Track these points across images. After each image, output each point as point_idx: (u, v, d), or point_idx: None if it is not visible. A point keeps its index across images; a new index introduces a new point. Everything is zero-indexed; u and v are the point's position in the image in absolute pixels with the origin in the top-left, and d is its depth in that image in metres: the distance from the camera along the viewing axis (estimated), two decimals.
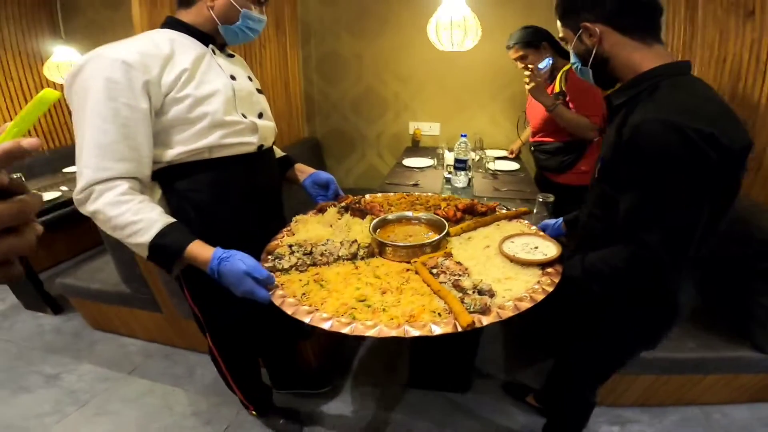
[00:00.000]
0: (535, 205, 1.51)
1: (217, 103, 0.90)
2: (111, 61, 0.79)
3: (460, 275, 0.78)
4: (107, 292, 1.87)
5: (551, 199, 1.49)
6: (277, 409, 1.51)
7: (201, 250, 0.84)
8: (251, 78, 1.08)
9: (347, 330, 0.71)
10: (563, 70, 1.72)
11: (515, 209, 1.16)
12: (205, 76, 0.91)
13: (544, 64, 1.67)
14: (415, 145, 2.84)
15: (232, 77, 0.97)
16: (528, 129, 2.13)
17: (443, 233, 0.96)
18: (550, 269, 0.85)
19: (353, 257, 0.93)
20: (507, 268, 0.85)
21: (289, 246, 0.94)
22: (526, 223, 1.10)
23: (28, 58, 2.76)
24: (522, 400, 1.56)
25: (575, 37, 0.83)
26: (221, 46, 1.01)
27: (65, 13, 2.87)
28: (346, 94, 2.85)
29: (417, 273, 0.85)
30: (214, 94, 0.90)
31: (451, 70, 2.61)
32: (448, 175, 1.94)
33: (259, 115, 1.05)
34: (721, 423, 1.48)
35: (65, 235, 2.57)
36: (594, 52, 0.81)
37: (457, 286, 0.75)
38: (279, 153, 1.24)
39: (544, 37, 1.74)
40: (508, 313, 0.72)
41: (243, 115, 0.97)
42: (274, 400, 1.51)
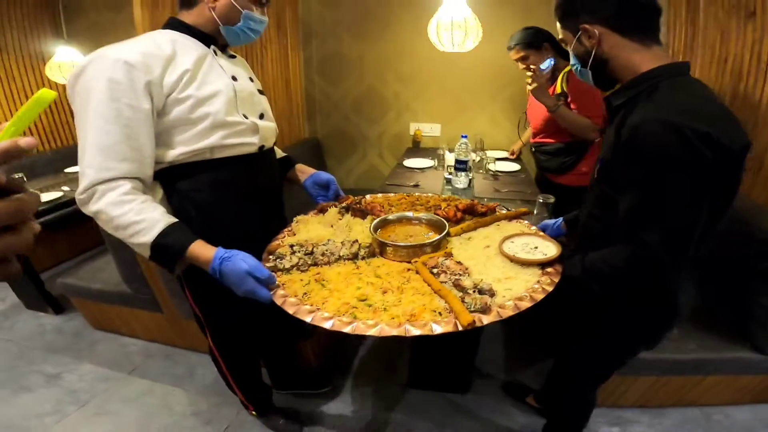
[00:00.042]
0: (536, 206, 1.51)
1: (219, 103, 0.91)
2: (113, 61, 0.79)
3: (460, 275, 0.78)
4: (108, 292, 1.87)
5: (552, 200, 1.49)
6: (277, 409, 1.51)
7: (203, 249, 0.84)
8: (252, 79, 1.08)
9: (348, 329, 0.71)
10: (564, 71, 1.72)
11: (515, 210, 1.16)
12: (207, 76, 0.91)
13: (546, 64, 1.67)
14: (416, 146, 2.84)
15: (234, 78, 0.97)
16: (529, 130, 2.13)
17: (444, 233, 0.97)
18: (550, 269, 0.85)
19: (354, 257, 0.93)
20: (507, 267, 0.86)
21: (291, 246, 0.94)
22: (526, 223, 1.10)
23: (31, 59, 2.77)
24: (522, 400, 1.56)
25: (574, 38, 0.83)
26: (223, 47, 1.01)
27: (68, 14, 2.88)
28: (347, 94, 2.86)
29: (418, 273, 0.85)
30: (216, 95, 0.91)
31: (451, 71, 2.62)
32: (448, 175, 1.94)
33: (261, 115, 1.05)
34: (722, 424, 1.47)
35: (66, 234, 2.58)
36: (593, 53, 0.81)
37: (457, 286, 0.75)
38: (280, 153, 1.24)
39: (545, 38, 1.74)
40: (509, 312, 0.72)
41: (244, 116, 0.97)
42: (274, 400, 1.51)
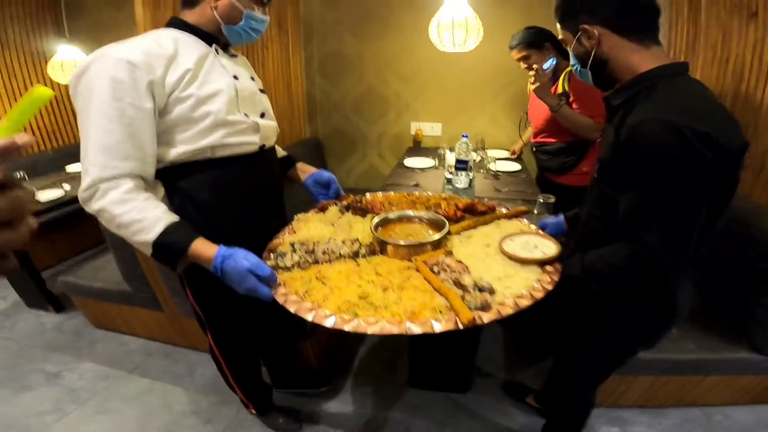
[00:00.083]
0: (536, 206, 1.50)
1: (220, 102, 0.91)
2: (116, 61, 0.79)
3: (460, 273, 0.78)
4: (109, 291, 1.87)
5: (552, 200, 1.49)
6: (277, 408, 1.51)
7: (204, 248, 0.84)
8: (254, 78, 1.08)
9: (349, 327, 0.71)
10: (566, 70, 1.72)
11: (515, 208, 1.16)
12: (209, 75, 0.91)
13: (548, 64, 1.67)
14: (417, 146, 2.83)
15: (235, 77, 0.97)
16: (529, 129, 2.13)
17: (444, 232, 0.97)
18: (549, 268, 0.86)
19: (355, 255, 0.93)
20: (507, 266, 0.86)
21: (291, 244, 0.94)
22: (526, 222, 1.10)
23: (32, 57, 2.78)
24: (522, 400, 1.56)
25: (574, 39, 0.83)
26: (224, 46, 1.01)
27: (69, 12, 2.89)
28: (348, 94, 2.86)
29: (418, 271, 0.85)
30: (217, 94, 0.91)
31: (452, 71, 2.62)
32: (449, 175, 1.94)
33: (261, 114, 1.05)
34: (722, 424, 1.47)
35: (67, 233, 2.59)
36: (593, 53, 0.82)
37: (457, 284, 0.76)
38: (281, 152, 1.25)
39: (547, 38, 1.74)
40: (508, 310, 0.72)
41: (245, 115, 0.98)
42: (274, 399, 1.51)
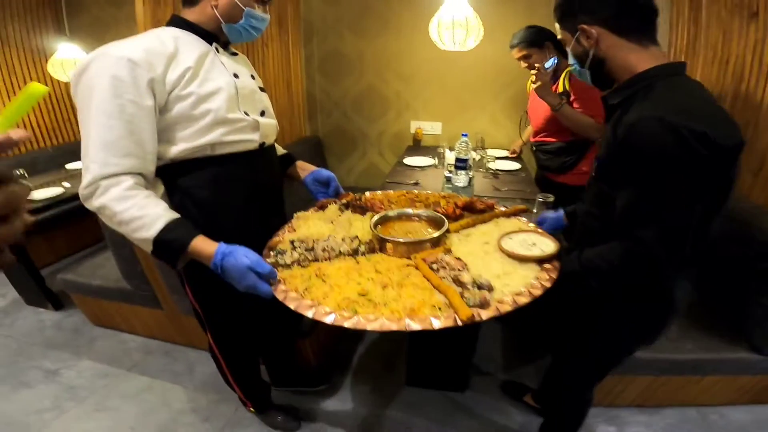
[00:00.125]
0: (535, 205, 1.51)
1: (220, 100, 0.91)
2: (116, 59, 0.79)
3: (459, 270, 0.78)
4: (108, 289, 1.87)
5: (551, 199, 1.49)
6: (276, 407, 1.51)
7: (204, 245, 0.84)
8: (254, 76, 1.08)
9: (349, 324, 0.71)
10: (567, 70, 1.72)
11: (513, 207, 1.16)
12: (209, 74, 0.91)
13: (550, 63, 1.67)
14: (417, 144, 2.84)
15: (235, 75, 0.97)
16: (529, 128, 2.13)
17: (443, 229, 0.97)
18: (548, 265, 0.86)
19: (354, 253, 0.93)
20: (505, 263, 0.86)
21: (291, 242, 0.94)
22: (524, 220, 1.10)
23: (33, 55, 2.78)
24: (520, 399, 1.56)
25: (573, 39, 0.84)
26: (225, 45, 1.01)
27: (70, 10, 2.89)
28: (348, 92, 2.86)
29: (417, 268, 0.85)
30: (217, 92, 0.91)
31: (452, 70, 2.62)
32: (448, 174, 1.94)
33: (261, 113, 1.05)
34: (718, 424, 1.47)
35: (67, 231, 2.59)
36: (591, 53, 0.82)
37: (456, 281, 0.76)
38: (280, 151, 1.25)
39: (547, 37, 1.74)
40: (507, 307, 0.72)
41: (245, 113, 0.98)
42: (273, 397, 1.51)
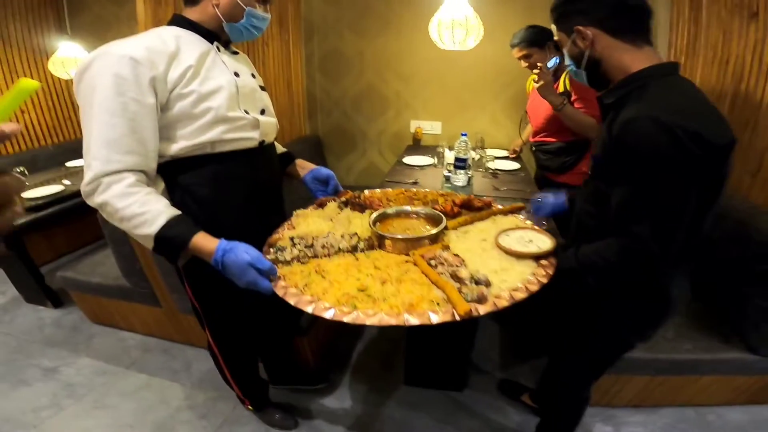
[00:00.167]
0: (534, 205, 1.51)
1: (221, 99, 0.91)
2: (119, 57, 0.80)
3: (457, 266, 0.79)
4: (107, 286, 1.87)
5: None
6: (274, 404, 1.51)
7: (205, 241, 0.85)
8: (254, 75, 1.09)
9: (348, 319, 0.72)
10: (567, 69, 1.72)
11: (511, 205, 1.17)
12: (210, 72, 0.92)
13: (552, 62, 1.67)
14: (416, 144, 2.84)
15: (236, 74, 0.98)
16: (528, 128, 2.13)
17: (441, 226, 0.97)
18: (544, 261, 0.87)
19: (353, 249, 0.94)
20: (503, 260, 0.87)
21: (291, 239, 0.95)
22: (522, 217, 1.11)
23: (34, 54, 2.78)
24: (517, 399, 1.57)
25: (569, 40, 0.85)
26: (226, 44, 1.02)
27: (71, 9, 2.89)
28: (348, 91, 2.86)
29: (416, 264, 0.86)
30: (218, 91, 0.91)
31: (452, 70, 2.62)
32: (447, 173, 1.95)
33: (262, 111, 1.06)
34: (715, 424, 1.48)
35: (66, 228, 2.59)
36: (587, 54, 0.84)
37: (454, 277, 0.76)
38: (280, 149, 1.25)
39: (548, 37, 1.74)
40: (504, 302, 0.73)
41: (245, 112, 0.98)
42: (271, 395, 1.52)
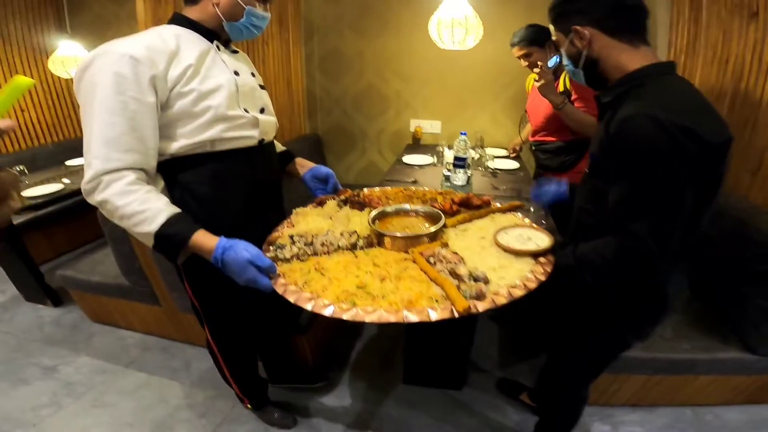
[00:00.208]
0: (532, 204, 1.51)
1: (221, 97, 0.92)
2: (119, 56, 0.80)
3: (456, 264, 0.79)
4: (107, 285, 1.87)
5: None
6: (273, 403, 1.51)
7: (205, 239, 0.85)
8: (254, 74, 1.09)
9: (348, 316, 0.72)
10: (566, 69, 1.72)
11: (509, 203, 1.17)
12: (210, 71, 0.92)
13: (553, 61, 1.67)
14: (416, 143, 2.85)
15: (236, 73, 0.98)
16: (528, 127, 2.13)
17: (440, 224, 0.98)
18: (542, 259, 0.87)
19: (353, 247, 0.94)
20: (501, 257, 0.87)
21: (290, 236, 0.95)
22: (520, 215, 1.11)
23: (34, 53, 2.79)
24: (516, 398, 1.57)
25: (566, 39, 0.86)
26: (226, 43, 1.02)
27: (71, 8, 2.90)
28: (348, 91, 2.87)
29: (414, 262, 0.86)
30: (218, 89, 0.92)
31: (452, 69, 2.63)
32: (447, 172, 1.95)
33: (261, 110, 1.06)
34: (712, 424, 1.47)
35: (66, 227, 2.59)
36: (584, 54, 0.84)
37: (453, 274, 0.77)
38: (280, 147, 1.26)
39: (548, 36, 1.74)
40: (502, 299, 0.73)
41: (245, 110, 0.99)
42: (270, 393, 1.52)
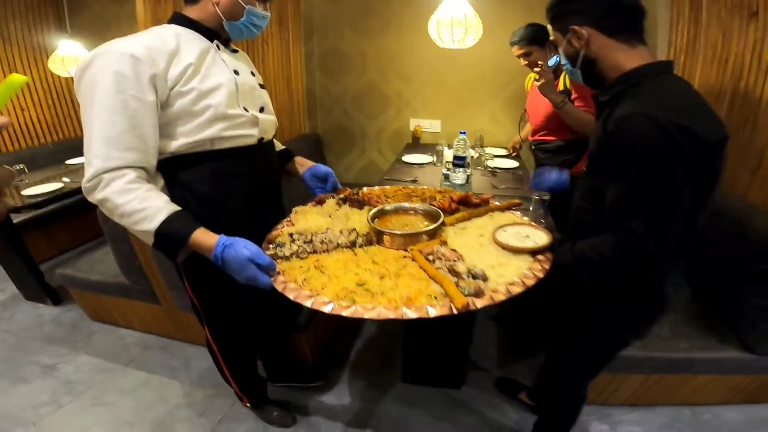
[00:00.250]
0: (532, 203, 1.52)
1: (221, 96, 0.92)
2: (119, 55, 0.80)
3: (455, 261, 0.80)
4: (106, 284, 1.88)
5: (547, 196, 1.50)
6: (272, 402, 1.52)
7: (205, 237, 0.85)
8: (254, 73, 1.09)
9: (347, 313, 0.72)
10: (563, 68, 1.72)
11: (508, 201, 1.18)
12: (210, 70, 0.92)
13: (553, 60, 1.67)
14: (416, 142, 2.85)
15: (236, 72, 0.98)
16: (527, 126, 2.14)
17: (439, 222, 0.98)
18: (540, 257, 0.87)
19: (352, 245, 0.94)
20: (500, 255, 0.87)
21: (290, 234, 0.95)
22: (518, 213, 1.12)
23: (34, 52, 2.79)
24: (514, 397, 1.57)
25: (564, 39, 0.86)
26: (225, 42, 1.03)
27: (71, 7, 2.90)
28: (348, 90, 2.87)
29: (414, 260, 0.86)
30: (218, 88, 0.92)
31: (452, 68, 2.63)
32: (446, 171, 1.95)
33: (261, 109, 1.06)
34: (711, 424, 1.48)
35: (66, 226, 2.59)
36: (582, 54, 0.85)
37: (452, 271, 0.77)
38: (279, 146, 1.26)
39: (548, 35, 1.75)
40: (501, 296, 0.74)
41: (245, 109, 0.99)
42: (269, 392, 1.52)
